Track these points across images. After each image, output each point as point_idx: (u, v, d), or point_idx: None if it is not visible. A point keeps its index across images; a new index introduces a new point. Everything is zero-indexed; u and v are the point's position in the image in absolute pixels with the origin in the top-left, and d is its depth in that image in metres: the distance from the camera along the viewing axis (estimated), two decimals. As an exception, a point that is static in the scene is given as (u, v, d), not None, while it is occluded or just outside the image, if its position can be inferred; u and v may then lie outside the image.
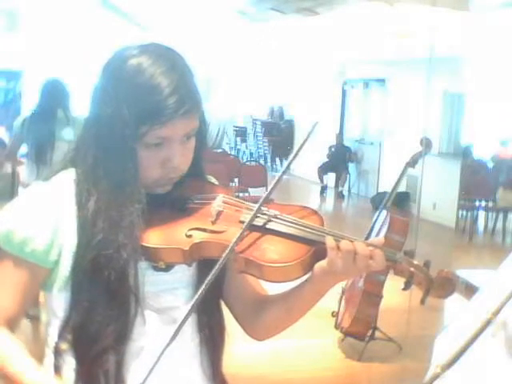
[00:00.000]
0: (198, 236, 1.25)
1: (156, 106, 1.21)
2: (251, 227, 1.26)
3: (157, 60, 1.24)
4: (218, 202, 1.31)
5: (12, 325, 1.22)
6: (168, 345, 1.16)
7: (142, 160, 1.25)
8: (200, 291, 1.19)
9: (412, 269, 1.23)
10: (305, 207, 1.33)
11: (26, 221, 1.24)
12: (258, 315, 1.39)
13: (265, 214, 1.28)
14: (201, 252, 1.24)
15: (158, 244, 1.25)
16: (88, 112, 1.31)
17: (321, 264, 1.24)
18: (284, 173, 1.30)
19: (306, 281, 1.26)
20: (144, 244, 1.25)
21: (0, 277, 1.24)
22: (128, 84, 1.23)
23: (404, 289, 1.24)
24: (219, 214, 1.29)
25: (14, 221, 1.25)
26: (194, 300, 1.20)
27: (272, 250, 1.23)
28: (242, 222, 1.26)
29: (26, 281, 1.24)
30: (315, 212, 1.32)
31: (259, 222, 1.27)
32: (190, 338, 1.36)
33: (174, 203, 1.31)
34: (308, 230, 1.25)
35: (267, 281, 1.25)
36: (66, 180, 1.29)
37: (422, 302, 1.24)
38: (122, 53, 1.28)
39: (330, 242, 1.21)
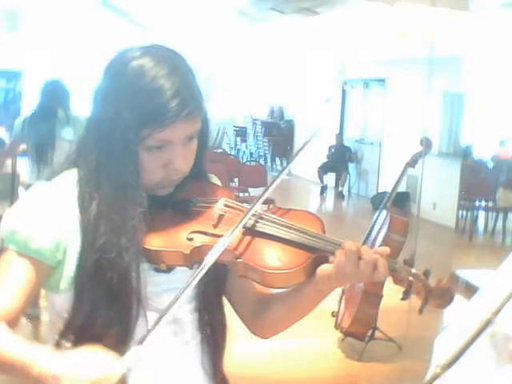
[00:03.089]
0: (199, 239, 1.26)
1: (158, 109, 1.20)
2: (252, 232, 1.26)
3: (159, 62, 1.24)
4: (220, 205, 1.31)
5: (11, 322, 1.22)
6: (156, 323, 1.15)
7: (143, 163, 1.25)
8: (187, 285, 1.19)
9: (411, 278, 1.22)
10: (306, 212, 1.34)
11: (31, 218, 1.24)
12: (262, 313, 1.39)
13: (266, 219, 1.28)
14: (202, 255, 1.24)
15: (160, 247, 1.25)
16: (90, 114, 1.31)
17: (325, 268, 1.24)
18: (282, 171, 1.30)
19: (308, 282, 1.26)
20: (145, 246, 1.25)
21: (2, 273, 1.24)
22: (130, 86, 1.22)
23: (403, 298, 1.23)
24: (221, 217, 1.29)
25: (19, 218, 1.25)
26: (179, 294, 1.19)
27: (273, 257, 1.24)
28: (244, 227, 1.26)
29: (29, 278, 1.23)
30: (316, 217, 1.32)
31: (260, 227, 1.27)
32: (191, 336, 1.36)
33: (175, 205, 1.31)
34: (309, 236, 1.25)
35: (267, 286, 1.26)
36: (69, 181, 1.29)
37: (420, 311, 1.23)
38: (124, 54, 1.27)
39: (340, 252, 1.22)
